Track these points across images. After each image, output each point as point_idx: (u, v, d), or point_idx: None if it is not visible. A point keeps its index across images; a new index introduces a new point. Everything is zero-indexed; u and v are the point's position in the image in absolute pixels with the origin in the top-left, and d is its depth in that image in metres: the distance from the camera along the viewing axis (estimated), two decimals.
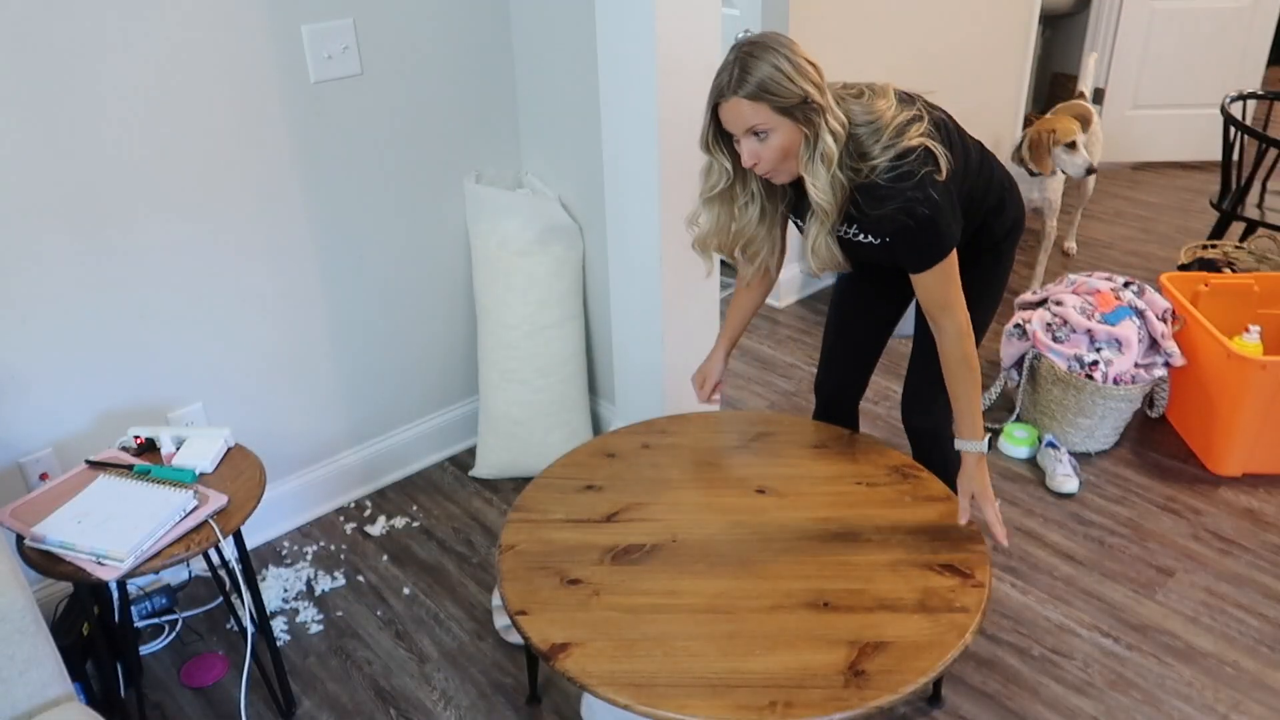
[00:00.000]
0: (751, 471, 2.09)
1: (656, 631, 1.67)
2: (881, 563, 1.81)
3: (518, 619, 1.70)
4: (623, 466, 2.10)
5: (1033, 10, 4.49)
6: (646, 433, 2.23)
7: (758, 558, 1.83)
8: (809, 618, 1.69)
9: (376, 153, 2.52)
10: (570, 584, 1.78)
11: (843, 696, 1.52)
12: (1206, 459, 2.89)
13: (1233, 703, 2.12)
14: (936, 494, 2.00)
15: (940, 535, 1.87)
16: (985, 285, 2.02)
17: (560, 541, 1.88)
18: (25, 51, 1.93)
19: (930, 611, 1.69)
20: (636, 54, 2.23)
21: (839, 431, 2.22)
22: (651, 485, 2.04)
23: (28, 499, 1.86)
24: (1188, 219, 4.65)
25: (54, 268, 2.10)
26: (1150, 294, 2.99)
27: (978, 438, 1.90)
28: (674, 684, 1.56)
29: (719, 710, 1.51)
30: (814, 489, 2.03)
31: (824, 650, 1.61)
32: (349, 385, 2.71)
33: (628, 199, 2.45)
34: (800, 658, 1.60)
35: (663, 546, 1.86)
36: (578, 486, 2.04)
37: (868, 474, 2.07)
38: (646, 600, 1.73)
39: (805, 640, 1.64)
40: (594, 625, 1.68)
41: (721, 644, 1.64)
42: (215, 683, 2.23)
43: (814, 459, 2.12)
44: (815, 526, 1.91)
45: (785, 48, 1.65)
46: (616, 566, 1.82)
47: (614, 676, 1.57)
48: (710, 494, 2.02)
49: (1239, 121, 3.56)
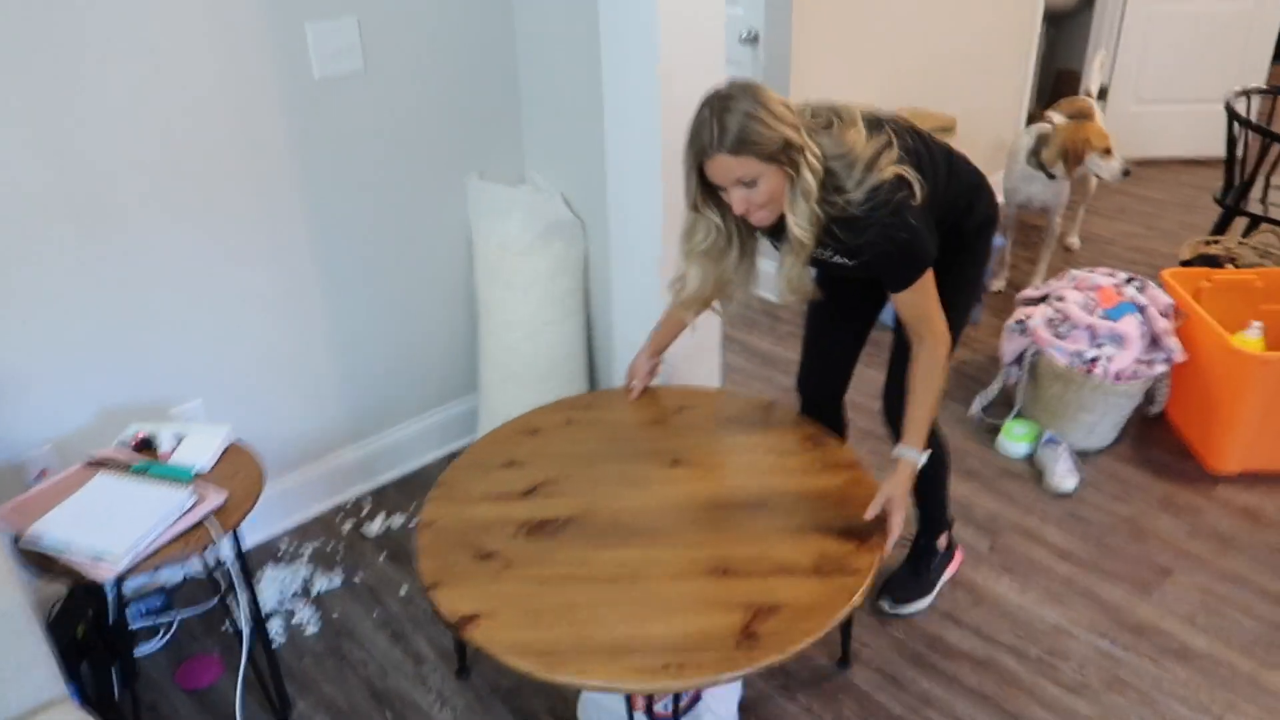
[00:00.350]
0: (669, 445, 2.13)
1: (563, 601, 1.72)
2: (783, 529, 1.87)
3: (430, 592, 1.75)
4: (544, 442, 2.15)
5: (1036, 8, 4.47)
6: (571, 409, 2.29)
7: (668, 528, 1.89)
8: (709, 584, 1.75)
9: (379, 149, 2.52)
10: (484, 558, 1.82)
11: (733, 658, 1.60)
12: (1205, 456, 2.88)
13: (1228, 703, 2.12)
14: (843, 461, 2.06)
15: (842, 502, 1.93)
16: (959, 280, 2.04)
17: (478, 518, 1.93)
18: (26, 50, 1.92)
19: (823, 575, 1.76)
20: (639, 51, 2.22)
21: (758, 403, 2.28)
22: (571, 460, 2.08)
23: (24, 497, 1.86)
24: (1190, 215, 4.63)
25: (54, 265, 2.10)
26: (1152, 290, 2.98)
27: (919, 449, 1.91)
28: (575, 650, 1.62)
29: (616, 674, 1.58)
30: (727, 460, 2.09)
31: (720, 614, 1.68)
32: (349, 382, 2.71)
33: (630, 196, 2.45)
34: (697, 622, 1.67)
35: (576, 519, 1.91)
36: (499, 463, 2.08)
37: (780, 444, 2.12)
38: (556, 572, 1.79)
39: (704, 605, 1.70)
40: (503, 597, 1.73)
41: (624, 611, 1.70)
42: (211, 684, 2.24)
43: (730, 431, 2.18)
44: (725, 496, 1.98)
45: (757, 95, 1.67)
46: (530, 540, 1.86)
47: (519, 645, 1.63)
48: (627, 467, 2.06)
49: (1243, 117, 3.54)
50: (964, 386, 3.30)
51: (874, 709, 2.13)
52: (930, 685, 2.18)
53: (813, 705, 2.14)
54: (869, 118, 1.81)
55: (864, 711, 2.12)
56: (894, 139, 1.78)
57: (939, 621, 2.35)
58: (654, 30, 2.16)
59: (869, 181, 1.73)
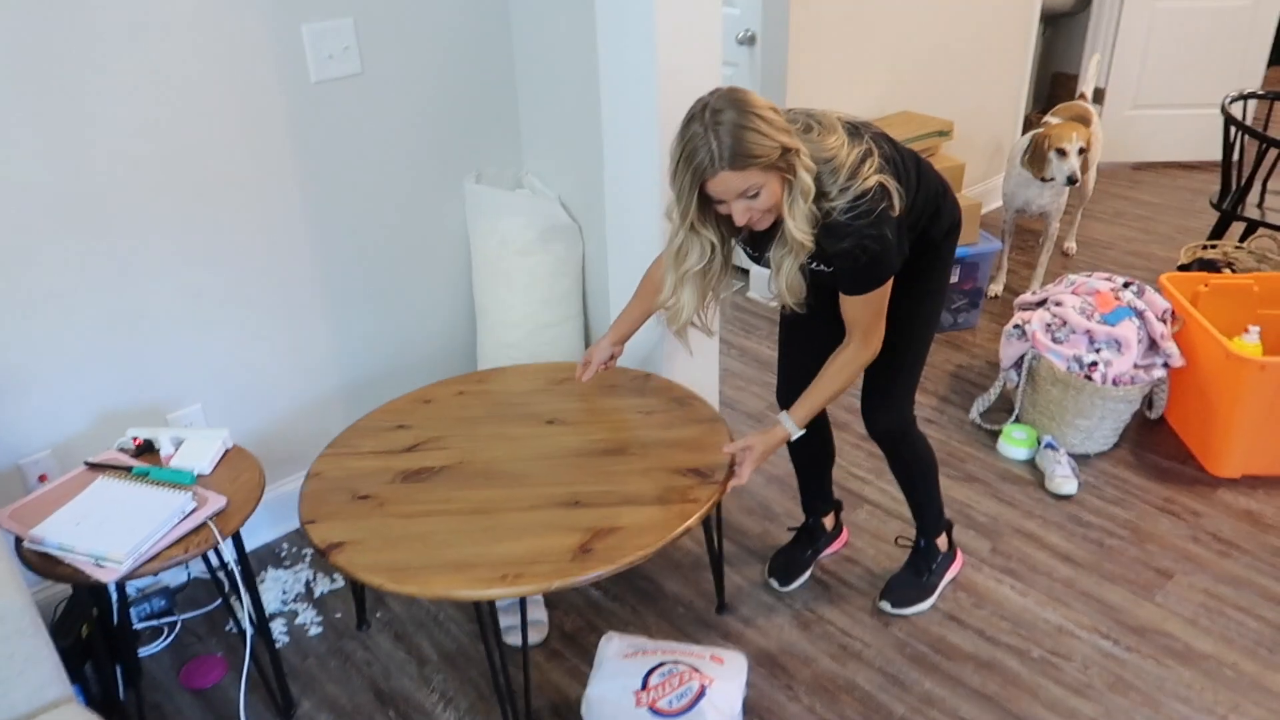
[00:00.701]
0: (547, 407, 2.30)
1: (423, 531, 1.89)
2: (636, 470, 2.05)
3: (306, 527, 1.91)
4: (435, 410, 2.31)
5: (1033, 10, 4.49)
6: (464, 383, 2.44)
7: (532, 473, 2.05)
8: (560, 514, 1.92)
9: (376, 152, 2.52)
10: (360, 499, 1.99)
11: (567, 569, 1.77)
12: (1205, 460, 2.89)
13: (1232, 705, 2.12)
14: (704, 416, 2.23)
15: (696, 448, 2.11)
16: (926, 288, 2.07)
17: (362, 469, 2.09)
18: (25, 53, 1.92)
19: (665, 503, 1.93)
20: (637, 53, 2.23)
21: (634, 373, 2.42)
22: (456, 423, 2.25)
23: (26, 500, 1.86)
24: (1188, 219, 4.65)
25: (53, 269, 2.09)
26: (1150, 294, 2.99)
27: (799, 424, 2.05)
28: (424, 567, 1.79)
29: (457, 584, 1.75)
30: (598, 418, 2.26)
31: (563, 536, 1.85)
32: (348, 385, 2.71)
33: (628, 198, 2.45)
34: (540, 542, 1.84)
35: (450, 468, 2.08)
36: (390, 426, 2.25)
37: (649, 404, 2.30)
38: (422, 509, 1.95)
39: (549, 530, 1.87)
40: (370, 529, 1.90)
41: (476, 537, 1.87)
42: (214, 684, 2.23)
43: (606, 395, 2.34)
44: (589, 445, 2.14)
45: (745, 104, 1.66)
46: (405, 485, 2.03)
47: (375, 565, 1.80)
48: (505, 426, 2.23)
49: (1239, 121, 3.56)
50: (963, 391, 3.30)
51: (877, 709, 2.13)
52: (933, 686, 2.18)
53: (815, 706, 2.14)
54: (847, 125, 1.82)
55: (867, 711, 2.12)
56: (873, 148, 1.78)
57: (941, 622, 2.35)
58: (651, 32, 2.16)
59: (853, 189, 1.73)
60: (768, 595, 2.44)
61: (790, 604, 2.41)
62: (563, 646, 2.32)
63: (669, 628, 2.35)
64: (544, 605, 2.39)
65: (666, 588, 2.48)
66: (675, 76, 2.23)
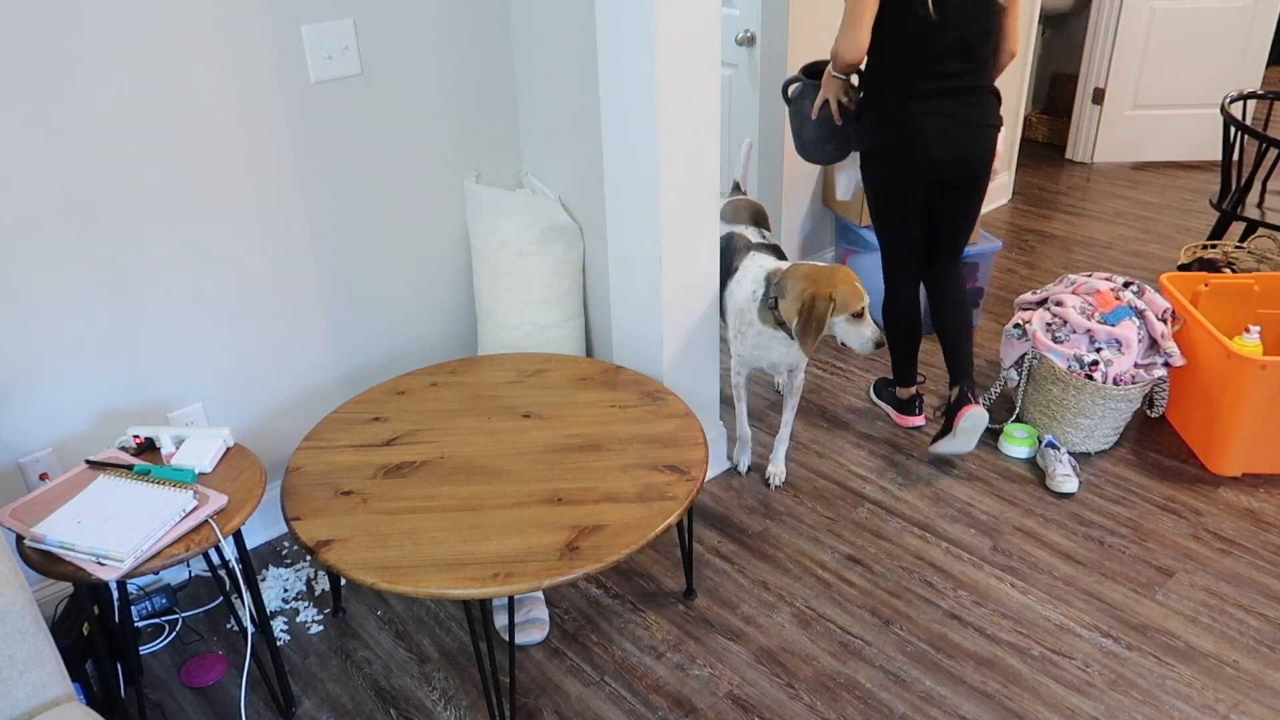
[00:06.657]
0: (522, 401, 2.35)
1: (410, 528, 1.91)
2: (614, 466, 2.10)
3: (292, 524, 1.93)
4: (410, 402, 2.35)
5: (1032, 10, 4.49)
6: (435, 374, 2.49)
7: (512, 469, 2.09)
8: (544, 511, 1.96)
9: (376, 153, 2.52)
10: (343, 495, 2.01)
11: (556, 567, 1.80)
12: (1206, 459, 2.89)
13: (1233, 703, 2.12)
14: (677, 412, 2.29)
15: (670, 444, 2.17)
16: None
17: (342, 463, 2.12)
18: (26, 57, 1.93)
19: (645, 501, 1.98)
20: (637, 53, 2.23)
21: (604, 365, 2.50)
22: (432, 416, 2.29)
23: (28, 499, 1.86)
24: (1188, 219, 4.65)
25: (54, 269, 2.10)
26: (1150, 294, 2.99)
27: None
28: (415, 565, 1.81)
29: (449, 583, 1.77)
30: (573, 413, 2.30)
31: (549, 534, 1.89)
32: (349, 384, 2.71)
33: (628, 199, 2.45)
34: (528, 540, 1.87)
35: (431, 463, 2.11)
36: (366, 419, 2.29)
37: (623, 399, 2.35)
38: (406, 505, 1.98)
39: (535, 528, 1.91)
40: (357, 525, 1.92)
41: (464, 534, 1.89)
42: (215, 683, 2.23)
43: (579, 389, 2.40)
44: (566, 441, 2.19)
45: None
46: (387, 480, 2.06)
47: (366, 563, 1.82)
48: (481, 420, 2.27)
49: (1239, 121, 3.56)
50: None
51: (878, 707, 2.13)
52: (934, 684, 2.18)
53: (816, 704, 2.14)
54: None
55: (868, 710, 2.12)
56: None
57: (942, 620, 2.35)
58: (650, 32, 2.17)
59: None
60: (768, 593, 2.44)
61: (791, 602, 2.41)
62: (563, 645, 2.32)
63: (669, 626, 2.35)
64: (544, 603, 2.39)
65: (666, 586, 2.48)
66: (675, 76, 2.23)
